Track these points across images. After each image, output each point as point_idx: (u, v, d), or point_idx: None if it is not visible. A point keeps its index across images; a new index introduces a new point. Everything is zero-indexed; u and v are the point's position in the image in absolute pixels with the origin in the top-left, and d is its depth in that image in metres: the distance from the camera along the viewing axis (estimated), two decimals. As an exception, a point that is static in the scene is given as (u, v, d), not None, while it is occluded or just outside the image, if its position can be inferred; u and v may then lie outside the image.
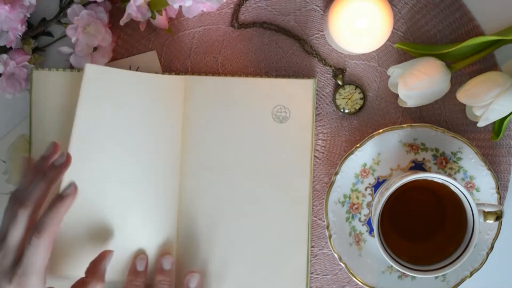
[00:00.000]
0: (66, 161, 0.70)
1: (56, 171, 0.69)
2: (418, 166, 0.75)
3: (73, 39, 0.72)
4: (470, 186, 0.74)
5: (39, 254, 0.65)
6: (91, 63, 0.74)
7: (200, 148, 0.76)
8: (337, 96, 0.76)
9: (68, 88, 0.75)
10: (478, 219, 0.68)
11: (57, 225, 0.67)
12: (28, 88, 0.75)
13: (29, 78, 0.75)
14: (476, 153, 0.73)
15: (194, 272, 0.75)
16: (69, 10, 0.72)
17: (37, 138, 0.75)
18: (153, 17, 0.71)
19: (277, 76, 0.77)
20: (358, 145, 0.73)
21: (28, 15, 0.73)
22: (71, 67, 0.75)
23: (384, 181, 0.74)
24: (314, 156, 0.77)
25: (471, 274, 0.74)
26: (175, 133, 0.75)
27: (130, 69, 0.76)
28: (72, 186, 0.69)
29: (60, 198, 0.68)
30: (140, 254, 0.74)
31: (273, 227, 0.76)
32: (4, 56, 0.72)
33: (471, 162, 0.74)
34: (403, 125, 0.73)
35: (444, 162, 0.74)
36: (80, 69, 0.74)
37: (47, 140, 0.74)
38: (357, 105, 0.77)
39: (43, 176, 0.68)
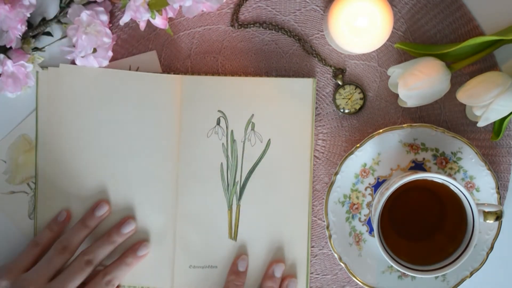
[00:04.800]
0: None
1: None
2: (418, 166, 0.75)
3: (74, 39, 0.72)
4: (470, 186, 0.74)
5: None
6: (92, 63, 0.74)
7: (197, 147, 0.76)
8: (337, 96, 0.76)
9: (72, 86, 0.76)
10: (478, 219, 0.68)
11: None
12: (29, 86, 0.75)
13: (30, 76, 0.75)
14: (476, 153, 0.73)
15: (280, 262, 0.75)
16: (69, 10, 0.72)
17: (41, 137, 0.76)
18: (153, 17, 0.71)
19: (277, 76, 0.77)
20: (358, 145, 0.73)
21: (28, 15, 0.73)
22: (71, 67, 0.75)
23: (384, 181, 0.74)
24: (314, 156, 0.77)
25: (471, 274, 0.74)
26: (172, 132, 0.75)
27: (130, 69, 0.76)
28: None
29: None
30: (241, 254, 0.75)
31: (273, 227, 0.76)
32: (1, 55, 0.72)
33: (471, 162, 0.74)
34: (403, 125, 0.73)
35: (444, 162, 0.74)
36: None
37: (51, 139, 0.75)
38: (357, 105, 0.77)
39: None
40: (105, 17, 0.72)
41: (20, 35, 0.73)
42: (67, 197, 0.76)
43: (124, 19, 0.71)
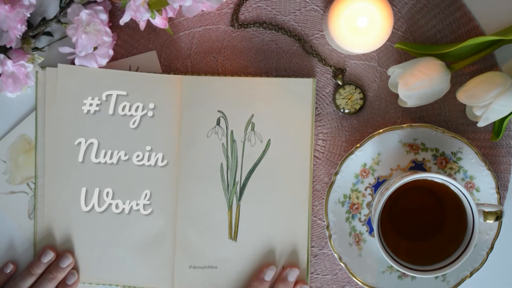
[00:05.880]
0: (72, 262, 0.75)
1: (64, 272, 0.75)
2: (418, 166, 0.75)
3: (73, 39, 0.72)
4: (470, 186, 0.74)
5: None
6: (91, 63, 0.74)
7: (197, 147, 0.76)
8: (337, 96, 0.76)
9: (71, 86, 0.76)
10: (478, 219, 0.68)
11: None
12: (29, 86, 0.75)
13: (30, 76, 0.75)
14: (476, 153, 0.73)
15: (294, 267, 0.75)
16: (69, 10, 0.72)
17: (40, 137, 0.76)
18: (153, 16, 0.71)
19: (277, 76, 0.77)
20: (358, 145, 0.73)
21: (28, 15, 0.73)
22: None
23: (384, 181, 0.74)
24: (314, 156, 0.77)
25: (471, 274, 0.74)
26: (172, 133, 0.75)
27: (130, 69, 0.76)
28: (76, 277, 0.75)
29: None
30: (270, 264, 0.75)
31: (273, 227, 0.76)
32: (1, 55, 0.72)
33: (471, 162, 0.74)
34: (403, 125, 0.73)
35: (444, 162, 0.74)
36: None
37: (51, 139, 0.75)
38: (357, 105, 0.77)
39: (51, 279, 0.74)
40: (104, 16, 0.72)
41: (20, 35, 0.73)
42: (67, 197, 0.76)
43: (124, 19, 0.71)
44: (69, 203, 0.76)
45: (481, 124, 0.72)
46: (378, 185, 0.75)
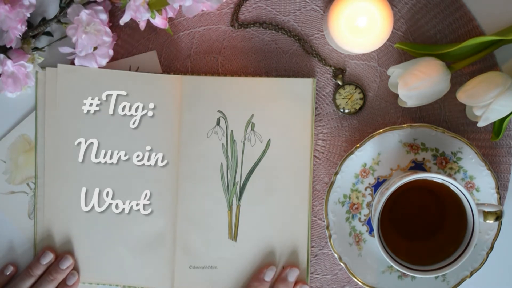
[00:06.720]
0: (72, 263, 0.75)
1: (64, 273, 0.75)
2: (418, 166, 0.75)
3: (73, 39, 0.72)
4: (470, 186, 0.74)
5: None
6: (91, 63, 0.74)
7: (197, 147, 0.76)
8: (337, 96, 0.76)
9: (71, 86, 0.76)
10: (478, 219, 0.68)
11: None
12: (29, 86, 0.75)
13: (30, 76, 0.75)
14: (476, 153, 0.73)
15: (294, 266, 0.75)
16: (69, 10, 0.72)
17: (40, 137, 0.76)
18: (153, 16, 0.71)
19: (277, 76, 0.77)
20: (358, 145, 0.73)
21: (28, 15, 0.73)
22: (71, 67, 0.75)
23: (384, 181, 0.74)
24: (314, 156, 0.77)
25: (471, 274, 0.74)
26: (172, 133, 0.75)
27: (130, 69, 0.76)
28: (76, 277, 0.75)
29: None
30: (271, 265, 0.75)
31: (273, 227, 0.76)
32: (1, 55, 0.72)
33: (471, 162, 0.74)
34: (403, 125, 0.73)
35: (444, 162, 0.74)
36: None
37: (51, 139, 0.75)
38: (357, 105, 0.77)
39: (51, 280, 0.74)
40: (104, 16, 0.72)
41: (20, 35, 0.73)
42: (67, 197, 0.76)
43: (124, 19, 0.71)
44: (69, 203, 0.76)
45: (481, 124, 0.72)
46: (378, 185, 0.75)
